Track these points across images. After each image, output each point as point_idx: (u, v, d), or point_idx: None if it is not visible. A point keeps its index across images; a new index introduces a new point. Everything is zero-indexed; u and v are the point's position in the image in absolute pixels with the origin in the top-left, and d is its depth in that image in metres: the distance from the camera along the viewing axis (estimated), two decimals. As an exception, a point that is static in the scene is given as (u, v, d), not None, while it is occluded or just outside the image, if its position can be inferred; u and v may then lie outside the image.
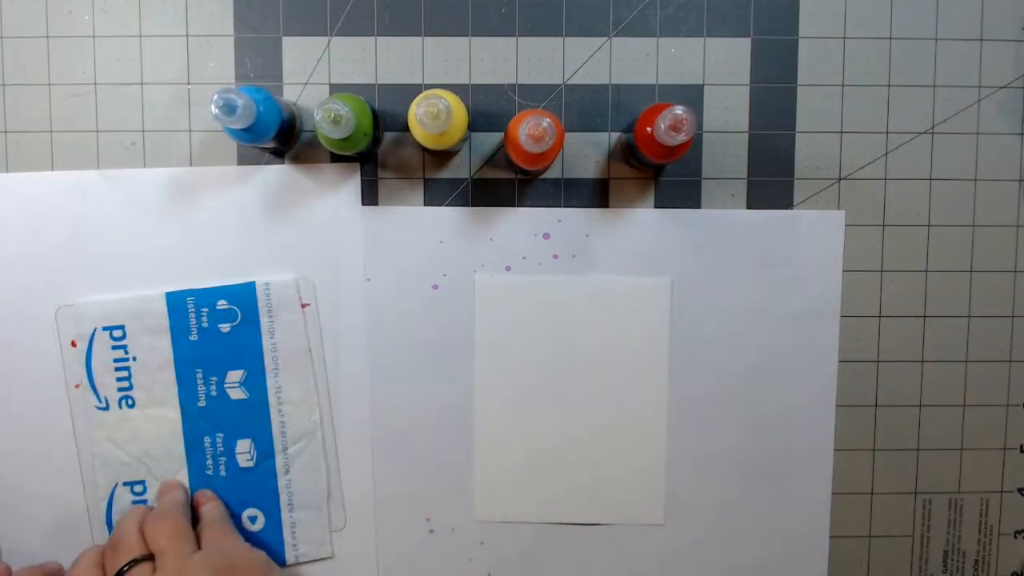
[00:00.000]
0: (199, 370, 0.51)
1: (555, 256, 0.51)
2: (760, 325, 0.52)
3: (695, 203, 0.51)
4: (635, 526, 0.52)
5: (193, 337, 0.51)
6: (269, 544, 0.52)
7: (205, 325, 0.51)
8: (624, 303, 0.51)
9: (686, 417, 0.52)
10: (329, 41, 0.50)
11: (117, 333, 0.51)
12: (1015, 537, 0.53)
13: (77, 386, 0.51)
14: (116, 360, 0.51)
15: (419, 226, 0.51)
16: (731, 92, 0.51)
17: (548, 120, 0.42)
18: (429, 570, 0.53)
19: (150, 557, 0.44)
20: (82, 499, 0.52)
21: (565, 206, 0.51)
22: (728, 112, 0.51)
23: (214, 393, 0.51)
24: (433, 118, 0.43)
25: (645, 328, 0.51)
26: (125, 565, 0.43)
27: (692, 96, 0.51)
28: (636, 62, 0.51)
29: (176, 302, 0.51)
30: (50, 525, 0.52)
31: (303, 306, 0.51)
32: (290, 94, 0.51)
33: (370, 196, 0.51)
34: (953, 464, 0.53)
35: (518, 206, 0.51)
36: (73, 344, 0.51)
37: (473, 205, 0.51)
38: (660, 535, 0.52)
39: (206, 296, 0.51)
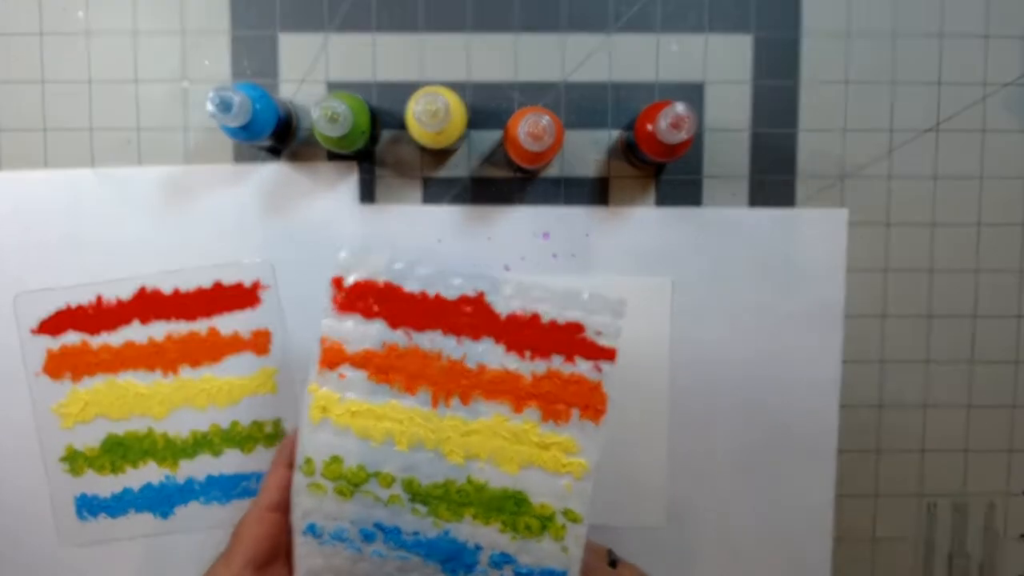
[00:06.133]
0: None
1: (554, 255, 0.51)
2: (762, 325, 0.51)
3: (696, 201, 0.51)
4: (636, 528, 0.52)
5: None
6: None
7: None
8: (624, 303, 0.51)
9: (687, 418, 0.51)
10: (326, 38, 0.50)
11: None
12: (1021, 540, 0.53)
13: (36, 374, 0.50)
14: None
15: (417, 225, 0.51)
16: (732, 89, 0.50)
17: (547, 118, 0.42)
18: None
19: None
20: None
21: (565, 204, 0.51)
22: (729, 109, 0.50)
23: None
24: (431, 116, 0.43)
25: (645, 328, 0.51)
26: None
27: (693, 93, 0.50)
28: (636, 59, 0.50)
29: None
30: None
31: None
32: (287, 92, 0.50)
33: (368, 194, 0.51)
34: (958, 466, 0.52)
35: (517, 205, 0.51)
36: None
37: (472, 204, 0.51)
38: (661, 537, 0.52)
39: None
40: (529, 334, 0.40)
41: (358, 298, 0.41)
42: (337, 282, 0.41)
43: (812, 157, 0.51)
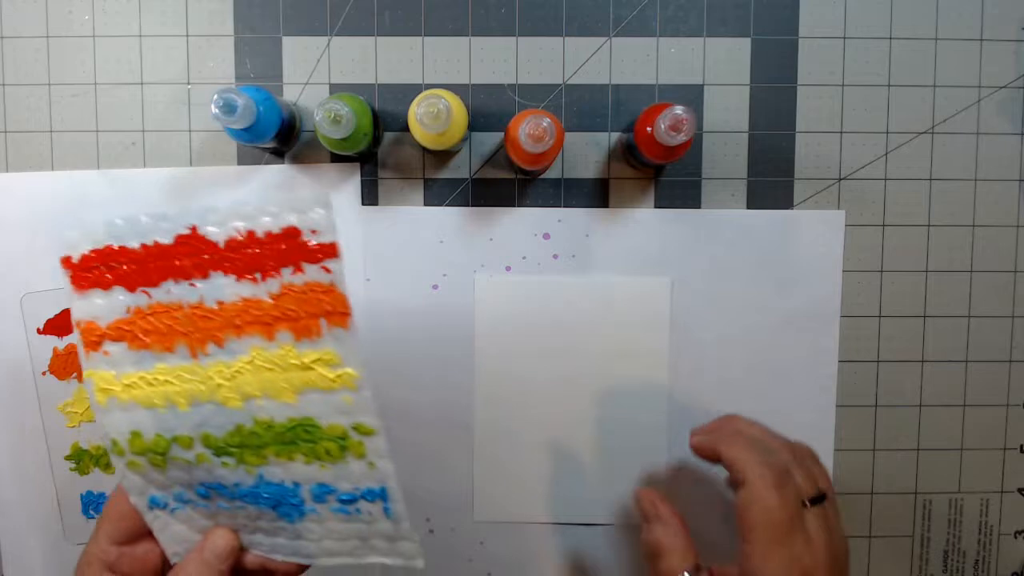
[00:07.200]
0: None
1: (555, 256, 0.51)
2: (760, 325, 0.51)
3: (695, 203, 0.51)
4: (636, 526, 0.52)
5: None
6: None
7: None
8: (624, 303, 0.51)
9: (686, 417, 0.52)
10: (329, 41, 0.50)
11: None
12: (1015, 537, 0.53)
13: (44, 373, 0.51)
14: None
15: (419, 226, 0.51)
16: (731, 92, 0.51)
17: (548, 120, 0.42)
18: (429, 570, 0.52)
19: None
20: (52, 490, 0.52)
21: (565, 206, 0.51)
22: (728, 112, 0.51)
23: None
24: (433, 118, 0.43)
25: (645, 328, 0.51)
26: None
27: (692, 96, 0.51)
28: (636, 62, 0.51)
29: None
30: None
31: None
32: (290, 94, 0.51)
33: (370, 196, 0.51)
34: (953, 464, 0.53)
35: (518, 206, 0.51)
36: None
37: (473, 205, 0.51)
38: (660, 535, 0.52)
39: None
40: (251, 254, 0.37)
41: (89, 270, 0.38)
42: (66, 261, 0.38)
43: (810, 159, 0.51)
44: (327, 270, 0.36)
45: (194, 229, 0.37)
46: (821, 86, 0.51)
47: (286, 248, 0.37)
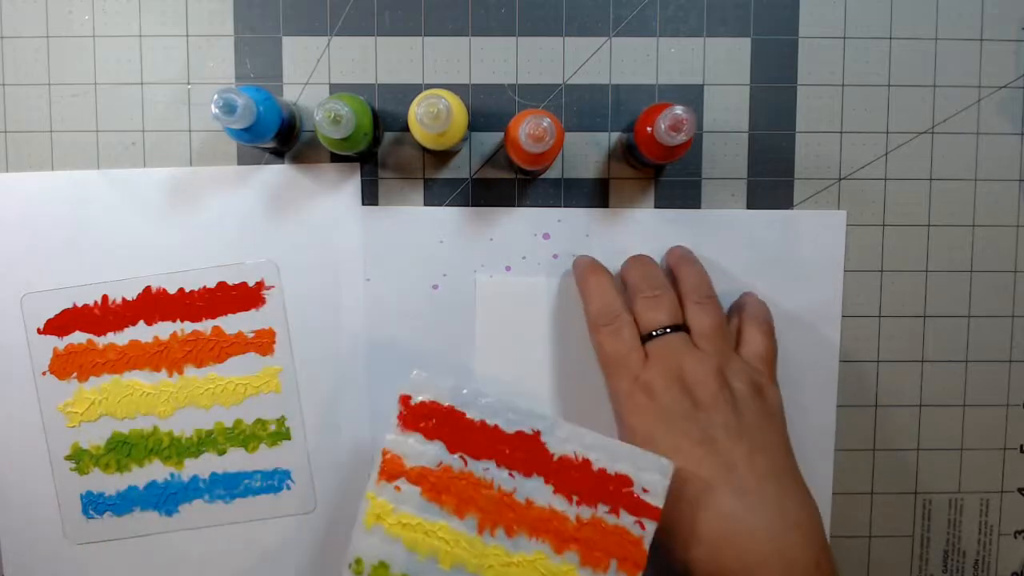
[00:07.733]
0: None
1: (555, 256, 0.51)
2: (760, 325, 0.51)
3: (695, 203, 0.51)
4: (635, 526, 0.52)
5: None
6: None
7: None
8: (624, 303, 0.51)
9: (686, 417, 0.52)
10: (329, 41, 0.50)
11: None
12: (1015, 537, 0.53)
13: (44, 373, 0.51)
14: None
15: (419, 226, 0.51)
16: (731, 92, 0.51)
17: (548, 120, 0.42)
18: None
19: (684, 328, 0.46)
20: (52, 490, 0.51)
21: (565, 206, 0.51)
22: (728, 112, 0.51)
23: None
24: (433, 118, 0.43)
25: (645, 328, 0.51)
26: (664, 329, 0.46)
27: (692, 96, 0.51)
28: (636, 62, 0.51)
29: None
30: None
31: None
32: (290, 94, 0.51)
33: (370, 196, 0.51)
34: (953, 464, 0.53)
35: (518, 206, 0.51)
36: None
37: (473, 205, 0.51)
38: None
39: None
40: (578, 478, 0.41)
41: (422, 417, 0.42)
42: (404, 400, 0.43)
43: (810, 159, 0.51)
44: (642, 526, 0.41)
45: (537, 434, 0.42)
46: (821, 86, 0.51)
47: (613, 490, 0.41)
